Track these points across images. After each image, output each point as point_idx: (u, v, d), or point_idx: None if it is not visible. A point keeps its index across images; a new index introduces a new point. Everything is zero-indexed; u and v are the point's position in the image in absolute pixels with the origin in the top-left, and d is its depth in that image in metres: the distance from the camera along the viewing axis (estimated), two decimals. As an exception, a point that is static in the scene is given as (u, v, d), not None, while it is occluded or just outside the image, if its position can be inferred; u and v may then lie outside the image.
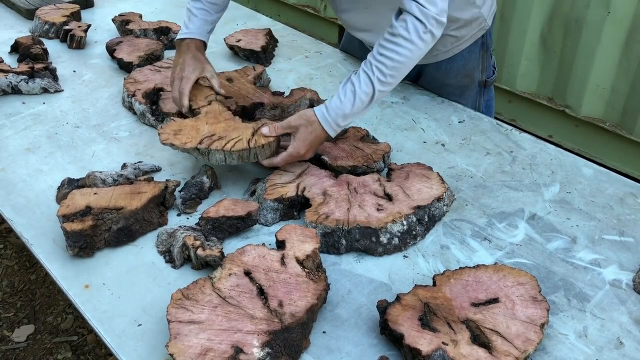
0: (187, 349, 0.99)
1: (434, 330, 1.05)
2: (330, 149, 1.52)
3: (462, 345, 1.02)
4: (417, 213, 1.31)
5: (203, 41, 1.66)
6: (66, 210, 1.28)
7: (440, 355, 1.00)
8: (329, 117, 1.38)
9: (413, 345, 1.01)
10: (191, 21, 1.63)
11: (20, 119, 1.75)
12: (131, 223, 1.30)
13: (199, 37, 1.64)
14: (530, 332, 1.05)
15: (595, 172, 1.56)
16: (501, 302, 1.11)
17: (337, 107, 1.37)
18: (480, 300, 1.11)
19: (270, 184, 1.40)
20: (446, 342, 1.02)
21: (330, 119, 1.38)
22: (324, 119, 1.39)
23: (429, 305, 1.09)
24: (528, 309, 1.09)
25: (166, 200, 1.39)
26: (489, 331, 1.05)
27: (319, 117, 1.39)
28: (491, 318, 1.08)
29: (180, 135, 1.42)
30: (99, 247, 1.28)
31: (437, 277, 1.16)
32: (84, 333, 2.31)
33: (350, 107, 1.37)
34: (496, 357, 1.01)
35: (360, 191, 1.37)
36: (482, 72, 1.83)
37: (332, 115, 1.38)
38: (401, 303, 1.10)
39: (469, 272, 1.17)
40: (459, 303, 1.11)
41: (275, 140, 1.43)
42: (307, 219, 1.29)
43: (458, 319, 1.08)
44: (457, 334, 1.04)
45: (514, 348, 1.02)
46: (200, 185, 1.43)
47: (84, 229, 1.24)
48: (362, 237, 1.27)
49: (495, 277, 1.16)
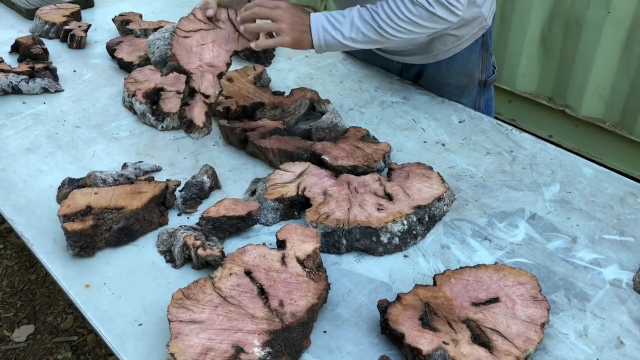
0: (188, 349, 0.99)
1: (435, 329, 1.05)
2: (330, 149, 1.52)
3: (462, 344, 1.02)
4: (418, 213, 1.32)
5: None
6: (67, 210, 1.28)
7: (441, 355, 1.00)
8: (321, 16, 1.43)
9: (414, 345, 1.01)
10: None
11: (20, 118, 1.75)
12: (132, 223, 1.30)
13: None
14: (530, 332, 1.05)
15: (596, 171, 1.56)
16: (502, 302, 1.11)
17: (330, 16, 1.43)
18: (480, 299, 1.11)
19: (270, 183, 1.40)
20: (447, 342, 1.02)
21: (320, 21, 1.43)
22: (314, 16, 1.44)
23: (429, 305, 1.09)
24: (528, 309, 1.09)
25: (167, 200, 1.39)
26: (489, 331, 1.05)
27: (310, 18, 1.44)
28: (491, 317, 1.08)
29: None
30: (100, 246, 1.28)
31: (438, 277, 1.16)
32: (84, 333, 2.32)
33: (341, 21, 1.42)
34: (497, 356, 1.01)
35: (361, 191, 1.37)
36: (482, 71, 1.83)
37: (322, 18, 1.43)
38: (402, 303, 1.10)
39: (470, 271, 1.17)
40: (459, 303, 1.11)
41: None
42: (308, 219, 1.29)
43: (458, 319, 1.08)
44: (457, 333, 1.04)
45: (514, 347, 1.02)
46: (201, 185, 1.43)
47: (85, 228, 1.24)
48: (363, 237, 1.27)
49: (496, 277, 1.16)
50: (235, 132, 1.59)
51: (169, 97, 1.75)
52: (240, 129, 1.59)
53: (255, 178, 1.48)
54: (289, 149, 1.52)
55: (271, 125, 1.61)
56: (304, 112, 1.72)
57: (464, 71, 1.80)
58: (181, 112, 1.48)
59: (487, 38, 1.79)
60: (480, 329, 1.06)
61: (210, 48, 1.49)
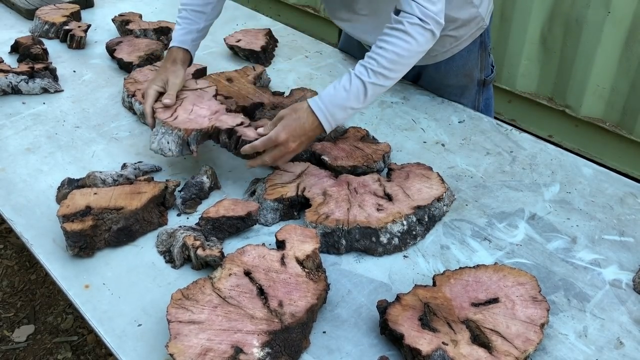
0: (187, 349, 0.99)
1: (434, 330, 1.05)
2: (330, 149, 1.52)
3: (462, 345, 1.02)
4: (417, 213, 1.31)
5: (186, 49, 1.61)
6: (66, 210, 1.28)
7: (440, 355, 1.00)
8: (321, 104, 1.33)
9: (413, 345, 1.01)
10: (175, 30, 1.63)
11: (20, 119, 1.75)
12: (131, 223, 1.30)
13: (181, 45, 1.61)
14: (530, 332, 1.05)
15: (595, 172, 1.56)
16: (501, 302, 1.11)
17: (331, 95, 1.33)
18: (480, 300, 1.11)
19: (270, 184, 1.40)
20: (446, 342, 1.02)
21: (323, 106, 1.33)
22: (316, 106, 1.34)
23: (429, 306, 1.09)
24: (528, 309, 1.09)
25: (166, 200, 1.39)
26: (489, 331, 1.05)
27: (310, 103, 1.35)
28: (491, 318, 1.08)
29: None
30: (99, 247, 1.28)
31: (437, 277, 1.16)
32: (84, 333, 2.32)
33: (344, 96, 1.32)
34: (496, 357, 1.01)
35: (360, 191, 1.37)
36: (481, 71, 1.83)
37: (325, 102, 1.33)
38: (401, 303, 1.10)
39: (469, 272, 1.17)
40: (459, 303, 1.11)
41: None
42: (307, 219, 1.29)
43: (458, 319, 1.07)
44: (457, 334, 1.04)
45: (514, 348, 1.02)
46: (200, 185, 1.43)
47: (84, 229, 1.24)
48: (362, 237, 1.27)
49: (495, 277, 1.15)
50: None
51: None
52: (240, 129, 1.59)
53: (255, 178, 1.48)
54: (288, 149, 1.52)
55: (271, 125, 1.61)
56: (303, 112, 1.72)
57: (463, 71, 1.80)
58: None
59: (485, 38, 1.78)
60: (479, 329, 1.06)
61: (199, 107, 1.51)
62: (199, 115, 1.48)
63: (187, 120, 1.46)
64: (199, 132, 1.43)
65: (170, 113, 1.47)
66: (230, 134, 1.43)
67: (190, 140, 1.43)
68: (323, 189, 1.38)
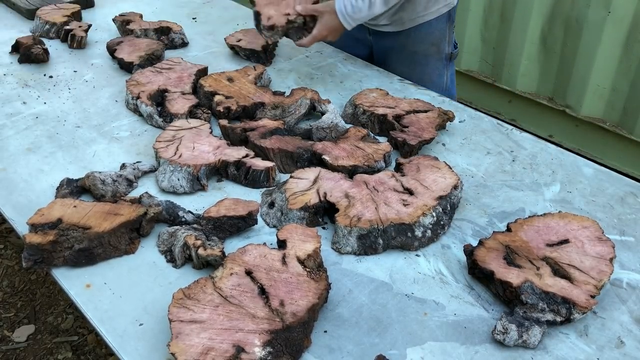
0: (189, 349, 0.99)
1: (519, 266, 1.17)
2: (331, 149, 1.52)
3: (546, 277, 1.15)
4: (441, 203, 1.34)
5: None
6: (38, 219, 1.26)
7: (529, 286, 1.12)
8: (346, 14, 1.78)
9: (504, 279, 1.14)
10: None
11: (21, 119, 1.75)
12: (94, 245, 1.24)
13: None
14: (602, 265, 1.18)
15: (596, 171, 1.56)
16: (571, 243, 1.24)
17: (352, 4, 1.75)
18: (553, 241, 1.24)
19: (289, 193, 1.37)
20: (531, 276, 1.14)
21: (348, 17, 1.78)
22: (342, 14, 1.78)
23: (509, 247, 1.22)
24: (596, 247, 1.22)
25: (142, 227, 1.31)
26: (566, 266, 1.18)
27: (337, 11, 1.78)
28: (566, 255, 1.21)
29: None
30: (57, 264, 1.23)
31: (511, 225, 1.29)
32: (85, 333, 2.32)
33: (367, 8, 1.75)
34: (577, 285, 1.13)
35: (380, 189, 1.37)
36: (449, 44, 2.05)
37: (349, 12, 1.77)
38: (485, 246, 1.22)
39: (538, 219, 1.30)
40: (535, 244, 1.23)
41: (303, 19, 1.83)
42: (340, 224, 1.28)
43: (537, 257, 1.20)
44: (539, 269, 1.17)
45: (591, 278, 1.15)
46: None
47: (42, 243, 1.21)
48: (398, 234, 1.28)
49: (562, 223, 1.29)
50: (236, 132, 1.59)
51: (174, 97, 1.75)
52: (241, 128, 1.59)
53: (266, 189, 1.46)
54: (289, 149, 1.52)
55: (271, 125, 1.61)
56: (304, 112, 1.72)
57: (430, 39, 2.01)
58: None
59: (452, 14, 2.04)
60: (557, 264, 1.18)
61: (200, 143, 1.55)
62: (202, 151, 1.51)
63: (192, 157, 1.48)
64: (207, 166, 1.47)
65: (174, 152, 1.50)
66: (238, 166, 1.48)
67: (200, 175, 1.45)
68: (344, 191, 1.37)
